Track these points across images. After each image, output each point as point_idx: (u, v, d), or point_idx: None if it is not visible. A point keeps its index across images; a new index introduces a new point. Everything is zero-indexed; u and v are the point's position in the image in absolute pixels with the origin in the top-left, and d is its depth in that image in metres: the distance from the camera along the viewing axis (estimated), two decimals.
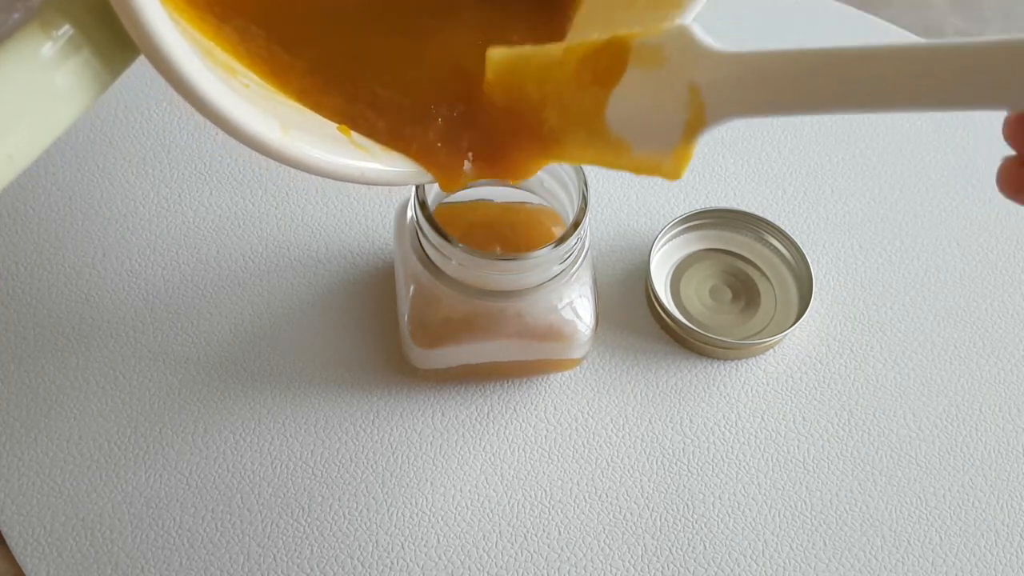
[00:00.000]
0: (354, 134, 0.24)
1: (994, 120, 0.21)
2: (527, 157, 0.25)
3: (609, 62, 0.23)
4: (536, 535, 0.34)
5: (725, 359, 0.38)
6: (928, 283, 0.41)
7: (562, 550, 0.34)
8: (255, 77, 0.24)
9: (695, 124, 0.22)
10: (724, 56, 0.21)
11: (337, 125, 0.24)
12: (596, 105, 0.23)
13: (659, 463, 0.36)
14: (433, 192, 0.32)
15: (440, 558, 0.33)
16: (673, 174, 0.23)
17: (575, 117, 0.24)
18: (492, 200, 0.35)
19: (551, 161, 0.26)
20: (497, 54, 0.25)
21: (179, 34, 0.19)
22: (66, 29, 0.18)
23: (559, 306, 0.33)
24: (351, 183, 0.23)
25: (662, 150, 0.22)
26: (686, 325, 0.37)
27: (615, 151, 0.23)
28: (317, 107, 0.24)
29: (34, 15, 0.18)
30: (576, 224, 0.30)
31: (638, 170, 0.23)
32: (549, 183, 0.33)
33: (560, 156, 0.25)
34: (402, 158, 0.25)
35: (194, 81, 0.19)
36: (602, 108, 0.23)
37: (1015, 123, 0.21)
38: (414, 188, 0.30)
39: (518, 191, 0.35)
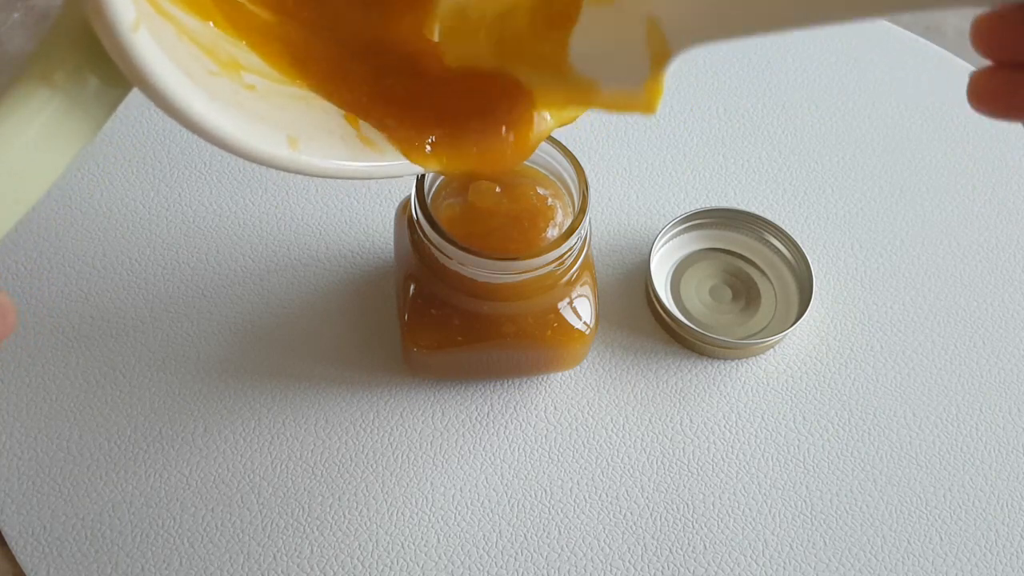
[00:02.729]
0: (362, 124, 0.24)
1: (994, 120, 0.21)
2: (509, 116, 0.25)
3: (562, 5, 0.22)
4: (536, 535, 0.34)
5: (725, 359, 0.38)
6: (928, 283, 0.41)
7: (562, 550, 0.34)
8: (267, 68, 0.24)
9: (660, 56, 0.21)
10: None
11: (344, 114, 0.24)
12: (557, 49, 0.23)
13: (659, 463, 0.36)
14: (433, 191, 0.32)
15: (440, 558, 0.33)
16: (648, 108, 0.22)
17: (538, 63, 0.24)
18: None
19: (533, 109, 0.25)
20: (444, 6, 0.25)
21: (173, 58, 0.19)
22: (62, 77, 0.18)
23: (559, 306, 0.33)
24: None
25: (633, 85, 0.22)
26: (686, 325, 0.37)
27: (584, 91, 0.23)
28: (330, 96, 0.24)
29: (31, 66, 0.18)
30: (576, 224, 0.30)
31: (612, 107, 0.23)
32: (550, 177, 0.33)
33: (533, 104, 0.25)
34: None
35: (200, 115, 0.19)
36: (564, 51, 0.23)
37: (982, 24, 0.19)
38: (414, 188, 0.30)
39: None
